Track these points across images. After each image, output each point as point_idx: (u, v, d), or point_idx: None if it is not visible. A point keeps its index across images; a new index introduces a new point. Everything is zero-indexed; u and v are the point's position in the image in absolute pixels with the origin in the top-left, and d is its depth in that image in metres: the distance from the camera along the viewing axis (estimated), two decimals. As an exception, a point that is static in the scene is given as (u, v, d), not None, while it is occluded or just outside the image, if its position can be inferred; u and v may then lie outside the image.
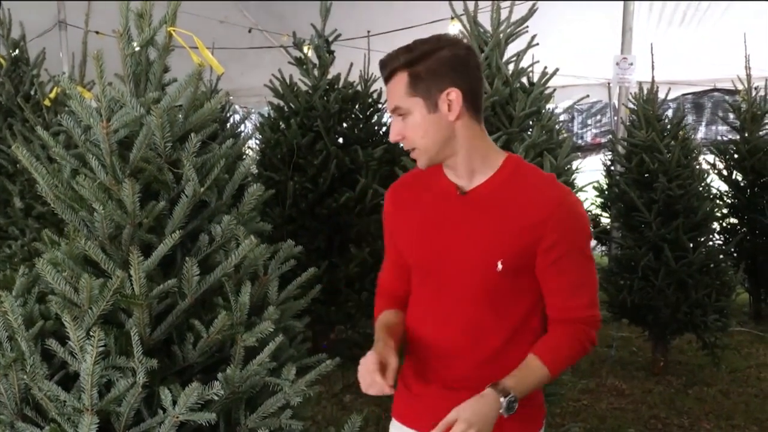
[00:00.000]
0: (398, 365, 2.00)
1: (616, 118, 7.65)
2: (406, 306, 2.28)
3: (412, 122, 1.98)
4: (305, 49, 6.53)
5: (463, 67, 1.99)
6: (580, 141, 14.94)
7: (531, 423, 2.18)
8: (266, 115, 6.82)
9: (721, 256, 6.47)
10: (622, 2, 7.18)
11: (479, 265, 2.03)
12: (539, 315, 2.14)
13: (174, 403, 2.09)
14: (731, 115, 8.41)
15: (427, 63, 1.95)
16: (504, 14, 4.40)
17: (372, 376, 1.93)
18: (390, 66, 1.98)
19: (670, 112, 7.14)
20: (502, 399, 1.92)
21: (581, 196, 8.36)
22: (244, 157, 3.04)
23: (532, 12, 4.36)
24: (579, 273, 2.08)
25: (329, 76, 6.57)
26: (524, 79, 4.55)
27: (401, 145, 2.08)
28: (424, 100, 1.96)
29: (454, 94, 1.97)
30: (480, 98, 2.07)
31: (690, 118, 12.35)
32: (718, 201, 7.85)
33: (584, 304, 2.09)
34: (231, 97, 9.06)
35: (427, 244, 2.13)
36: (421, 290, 2.21)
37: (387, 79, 2.00)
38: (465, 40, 2.26)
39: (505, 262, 2.00)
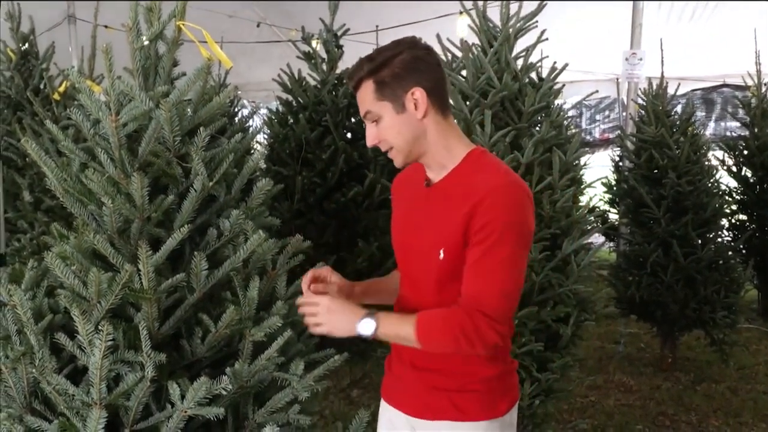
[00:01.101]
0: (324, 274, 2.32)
1: (624, 113, 7.62)
2: None
3: (384, 125, 2.11)
4: (314, 43, 6.53)
5: (425, 66, 2.10)
6: (588, 137, 14.91)
7: (492, 408, 2.21)
8: (275, 110, 6.81)
9: (730, 253, 6.45)
10: (632, 1, 7.15)
11: (427, 253, 2.14)
12: None
13: (182, 397, 2.09)
14: (741, 111, 8.36)
15: (390, 68, 2.07)
16: (513, 9, 4.38)
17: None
18: (356, 76, 2.11)
19: (679, 108, 7.11)
20: (366, 317, 2.08)
21: (590, 191, 8.36)
22: (253, 151, 3.03)
23: (541, 7, 4.35)
24: (484, 265, 2.02)
25: (338, 71, 6.57)
26: (533, 75, 4.54)
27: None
28: (391, 102, 2.08)
29: (419, 93, 2.08)
30: (445, 94, 2.17)
31: (699, 114, 12.30)
32: (727, 197, 7.81)
33: (472, 295, 2.03)
34: (239, 92, 9.07)
35: (399, 233, 2.31)
36: (400, 277, 2.37)
37: (355, 89, 2.13)
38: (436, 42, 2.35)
39: (446, 250, 2.09)
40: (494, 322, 2.00)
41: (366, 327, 2.07)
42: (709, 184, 6.31)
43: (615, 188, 8.47)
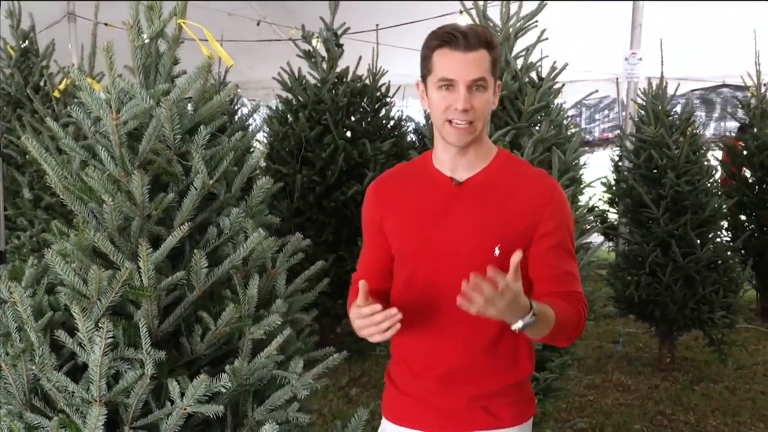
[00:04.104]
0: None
1: (624, 113, 7.63)
2: (382, 300, 2.22)
3: (484, 98, 2.04)
4: (314, 42, 6.54)
5: None
6: (588, 136, 14.89)
7: (523, 412, 2.21)
8: (275, 109, 6.82)
9: (729, 253, 6.45)
10: (632, 1, 7.16)
11: (477, 251, 2.07)
12: None
13: (182, 395, 2.09)
14: (740, 111, 8.37)
15: (498, 52, 2.09)
16: (513, 9, 4.39)
17: (367, 315, 1.92)
18: (480, 39, 2.02)
19: (678, 108, 7.11)
20: (529, 314, 1.86)
21: (589, 191, 8.37)
22: (253, 150, 3.03)
23: (541, 7, 4.35)
24: (570, 261, 2.15)
25: (338, 70, 6.58)
26: (533, 74, 4.54)
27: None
28: (493, 82, 2.07)
29: (498, 88, 2.12)
30: None
31: (700, 114, 12.28)
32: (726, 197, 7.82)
33: (577, 290, 2.14)
34: (239, 90, 9.07)
35: (421, 233, 2.15)
36: (409, 283, 2.20)
37: (473, 48, 2.01)
38: None
39: (502, 247, 2.05)
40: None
41: (524, 325, 1.87)
42: (708, 184, 6.31)
43: (614, 188, 8.48)
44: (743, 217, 8.03)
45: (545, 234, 2.08)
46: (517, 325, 1.87)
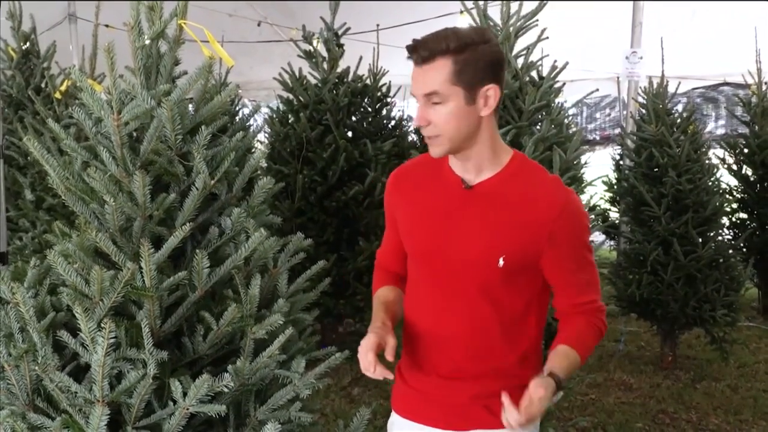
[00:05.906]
0: (395, 344, 2.01)
1: (625, 112, 7.62)
2: (404, 283, 2.30)
3: (445, 111, 1.94)
4: (315, 42, 6.55)
5: (501, 65, 1.98)
6: (589, 135, 14.90)
7: None
8: (276, 109, 6.83)
9: (731, 251, 6.45)
10: (632, 1, 7.17)
11: (481, 259, 2.04)
12: (536, 311, 2.17)
13: (184, 394, 2.10)
14: (740, 109, 8.37)
15: (473, 54, 1.91)
16: (514, 8, 4.39)
17: (368, 358, 1.97)
18: (434, 48, 1.90)
19: (680, 107, 7.11)
20: (559, 393, 2.02)
21: (590, 190, 8.37)
22: (254, 150, 3.05)
23: (541, 6, 4.35)
24: (587, 270, 2.14)
25: (338, 70, 6.59)
26: (534, 73, 4.54)
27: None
28: (464, 91, 1.93)
29: (493, 91, 1.96)
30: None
31: (705, 112, 12.28)
32: (727, 196, 7.82)
33: (594, 298, 2.16)
34: (240, 91, 9.07)
35: (428, 234, 2.13)
36: (418, 279, 2.21)
37: (425, 61, 1.91)
38: None
39: (507, 258, 2.02)
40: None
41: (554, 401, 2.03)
42: (710, 183, 6.31)
43: (615, 187, 8.48)
44: (745, 216, 8.03)
45: (559, 244, 2.03)
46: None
